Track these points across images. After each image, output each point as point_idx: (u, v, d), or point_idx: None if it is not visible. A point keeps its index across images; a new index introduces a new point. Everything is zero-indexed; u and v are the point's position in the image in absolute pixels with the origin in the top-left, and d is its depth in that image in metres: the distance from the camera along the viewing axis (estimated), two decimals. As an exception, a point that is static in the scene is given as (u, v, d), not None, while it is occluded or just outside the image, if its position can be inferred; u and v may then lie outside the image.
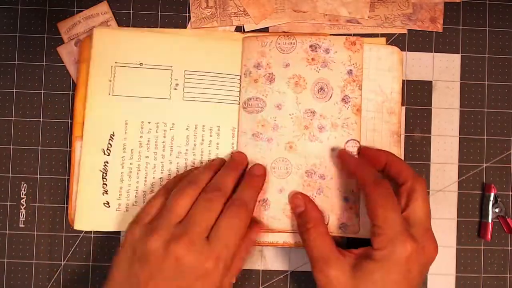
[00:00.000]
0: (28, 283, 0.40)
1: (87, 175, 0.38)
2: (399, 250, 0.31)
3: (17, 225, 0.40)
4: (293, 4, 0.41)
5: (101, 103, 0.39)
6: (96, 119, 0.39)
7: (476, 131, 0.42)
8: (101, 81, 0.39)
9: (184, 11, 0.41)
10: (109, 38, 0.39)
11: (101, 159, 0.39)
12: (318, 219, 0.35)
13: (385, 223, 0.32)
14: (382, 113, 0.39)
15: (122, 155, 0.39)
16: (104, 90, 0.39)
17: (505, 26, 0.42)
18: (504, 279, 0.41)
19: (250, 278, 0.40)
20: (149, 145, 0.39)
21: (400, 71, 0.39)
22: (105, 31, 0.40)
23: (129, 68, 0.39)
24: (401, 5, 0.41)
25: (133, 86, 0.39)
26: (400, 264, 0.31)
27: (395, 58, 0.39)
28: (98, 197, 0.38)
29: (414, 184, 0.33)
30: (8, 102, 0.41)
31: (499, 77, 0.42)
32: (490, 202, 0.40)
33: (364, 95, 0.39)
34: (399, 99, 0.39)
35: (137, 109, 0.39)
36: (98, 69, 0.39)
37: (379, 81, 0.39)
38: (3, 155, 0.40)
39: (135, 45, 0.39)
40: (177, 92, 0.39)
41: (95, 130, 0.39)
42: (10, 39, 0.41)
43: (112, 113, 0.39)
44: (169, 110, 0.39)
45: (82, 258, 0.40)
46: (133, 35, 0.40)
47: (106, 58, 0.39)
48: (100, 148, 0.39)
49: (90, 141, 0.39)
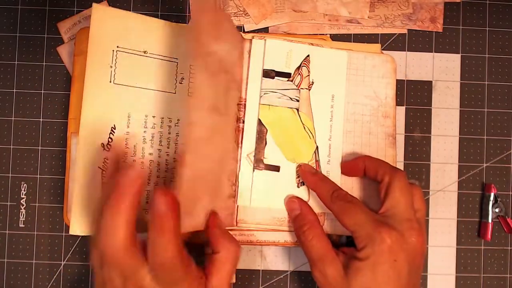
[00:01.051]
0: (28, 283, 0.40)
1: (84, 173, 0.34)
2: (379, 243, 0.31)
3: (17, 225, 0.40)
4: (293, 4, 0.41)
5: (100, 91, 0.35)
6: (95, 109, 0.35)
7: (476, 131, 0.42)
8: (101, 66, 0.35)
9: (184, 11, 0.41)
10: (111, 18, 0.35)
11: (101, 155, 0.35)
12: (313, 221, 0.36)
13: (356, 226, 0.33)
14: (378, 117, 0.39)
15: (125, 151, 0.36)
16: (105, 77, 0.35)
17: (505, 26, 0.42)
18: (504, 279, 0.41)
19: (250, 278, 0.40)
20: (153, 141, 0.37)
21: (393, 78, 0.40)
22: (107, 8, 0.36)
23: (132, 55, 0.36)
24: (401, 5, 0.41)
25: (137, 76, 0.36)
26: (383, 255, 0.31)
27: (388, 66, 0.40)
28: (97, 198, 0.34)
29: (391, 178, 0.34)
30: (8, 102, 0.41)
31: (499, 77, 0.42)
32: (490, 202, 0.41)
33: (359, 100, 0.39)
34: (393, 104, 0.40)
35: (141, 101, 0.36)
36: (97, 51, 0.35)
37: (374, 87, 0.40)
38: (3, 155, 0.40)
39: (140, 30, 0.36)
40: (182, 86, 0.37)
41: (94, 122, 0.35)
42: (10, 39, 0.41)
43: (114, 103, 0.35)
44: (174, 104, 0.37)
45: (82, 258, 0.40)
46: (138, 19, 0.36)
47: (107, 40, 0.35)
48: (100, 143, 0.35)
49: (88, 135, 0.34)
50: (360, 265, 0.32)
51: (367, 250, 0.32)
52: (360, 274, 0.32)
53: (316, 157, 0.39)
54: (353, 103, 0.39)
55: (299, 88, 0.39)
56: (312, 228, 0.35)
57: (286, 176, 0.38)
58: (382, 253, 0.31)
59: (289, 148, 0.39)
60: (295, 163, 0.38)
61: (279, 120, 0.39)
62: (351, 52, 0.40)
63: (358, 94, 0.40)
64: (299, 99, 0.39)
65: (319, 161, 0.39)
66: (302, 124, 0.39)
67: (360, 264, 0.32)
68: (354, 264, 0.32)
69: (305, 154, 0.39)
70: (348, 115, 0.39)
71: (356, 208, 0.34)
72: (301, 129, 0.39)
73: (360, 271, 0.32)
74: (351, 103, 0.39)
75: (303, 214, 0.36)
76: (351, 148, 0.39)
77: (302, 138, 0.39)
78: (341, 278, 0.32)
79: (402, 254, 0.32)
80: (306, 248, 0.35)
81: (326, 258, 0.33)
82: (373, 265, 0.32)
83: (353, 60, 0.40)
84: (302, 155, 0.39)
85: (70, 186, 0.38)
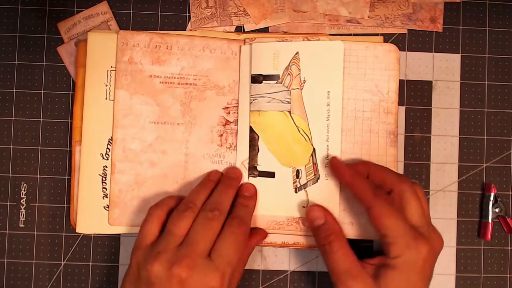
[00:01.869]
0: (28, 283, 0.40)
1: (87, 179, 0.39)
2: (415, 254, 0.32)
3: (17, 225, 0.40)
4: (293, 4, 0.41)
5: (98, 108, 0.39)
6: (94, 124, 0.39)
7: (476, 131, 0.42)
8: (97, 86, 0.39)
9: (184, 11, 0.41)
10: (104, 42, 0.39)
11: (100, 164, 0.39)
12: (339, 231, 0.35)
13: (396, 232, 0.32)
14: (379, 113, 0.38)
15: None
16: (101, 95, 0.39)
17: (505, 26, 0.42)
18: (504, 279, 0.41)
19: (250, 278, 0.40)
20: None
21: (397, 70, 0.39)
22: (100, 34, 0.39)
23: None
24: (401, 5, 0.41)
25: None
26: (418, 266, 0.32)
27: (392, 56, 0.39)
28: (99, 201, 0.39)
29: (401, 188, 0.34)
30: (8, 102, 0.41)
31: (499, 77, 0.42)
32: (490, 202, 0.40)
33: (359, 95, 0.38)
34: (395, 98, 0.39)
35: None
36: (94, 73, 0.39)
37: (376, 81, 0.38)
38: (3, 155, 0.40)
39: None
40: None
41: (93, 135, 0.39)
42: (10, 39, 0.41)
43: (109, 118, 0.39)
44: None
45: (82, 258, 0.40)
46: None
47: (102, 62, 0.39)
48: (99, 153, 0.39)
49: (89, 146, 0.39)
50: (393, 275, 0.32)
51: (403, 259, 0.32)
52: (392, 284, 0.32)
53: (313, 159, 0.38)
54: (353, 99, 0.38)
55: (290, 89, 0.38)
56: (338, 239, 0.34)
57: (283, 182, 0.38)
58: (417, 264, 0.32)
59: (284, 153, 0.38)
60: (291, 168, 0.38)
61: (270, 125, 0.38)
62: (351, 42, 0.39)
63: (358, 89, 0.38)
64: (290, 101, 0.38)
65: (316, 164, 0.38)
66: (295, 126, 0.38)
67: (394, 273, 0.32)
68: (387, 273, 0.32)
69: (302, 157, 0.38)
70: (347, 112, 0.38)
71: (398, 212, 0.33)
72: (295, 131, 0.38)
73: (394, 281, 0.32)
74: (351, 99, 0.38)
75: (328, 224, 0.35)
76: (351, 148, 0.38)
77: (297, 141, 0.38)
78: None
79: (431, 264, 0.33)
80: (331, 259, 0.33)
81: (352, 271, 0.33)
82: (407, 275, 0.32)
83: (353, 52, 0.38)
84: (298, 159, 0.38)
85: (75, 191, 0.39)
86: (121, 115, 0.39)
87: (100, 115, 0.39)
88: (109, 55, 0.39)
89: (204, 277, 0.31)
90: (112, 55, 0.39)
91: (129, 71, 0.39)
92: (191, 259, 0.31)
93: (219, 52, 0.39)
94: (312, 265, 0.40)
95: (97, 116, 0.39)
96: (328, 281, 0.40)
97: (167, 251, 0.32)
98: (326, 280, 0.40)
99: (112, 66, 0.39)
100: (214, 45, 0.39)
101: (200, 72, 0.39)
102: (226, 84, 0.39)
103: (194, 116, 0.39)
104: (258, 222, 0.38)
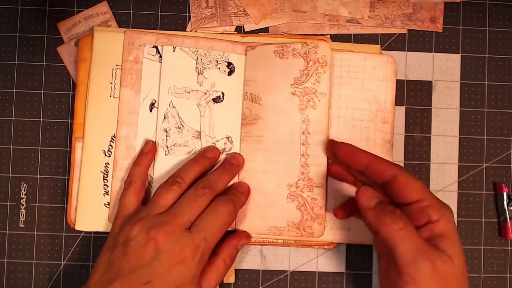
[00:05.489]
0: (28, 283, 0.40)
1: (88, 175, 0.39)
2: (451, 215, 0.32)
3: (17, 225, 0.40)
4: (293, 4, 0.41)
5: (101, 105, 0.39)
6: (97, 121, 0.39)
7: (476, 131, 0.42)
8: (102, 83, 0.39)
9: (184, 11, 0.41)
10: (110, 39, 0.39)
11: (102, 161, 0.39)
12: (396, 209, 0.32)
13: (428, 194, 0.32)
14: (376, 122, 0.39)
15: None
16: (105, 92, 0.39)
17: (505, 26, 0.42)
18: (504, 279, 0.41)
19: (250, 278, 0.40)
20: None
21: (393, 82, 0.39)
22: (106, 33, 0.39)
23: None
24: (401, 5, 0.41)
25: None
26: (455, 227, 0.32)
27: (389, 68, 0.39)
28: (99, 198, 0.39)
29: (399, 177, 0.33)
30: (8, 102, 0.41)
31: (499, 77, 0.42)
32: (504, 201, 0.40)
33: (357, 105, 0.39)
34: (392, 108, 0.39)
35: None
36: (98, 70, 0.39)
37: (373, 91, 0.39)
38: (3, 155, 0.40)
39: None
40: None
41: (96, 132, 0.39)
42: (10, 39, 0.41)
43: (113, 115, 0.39)
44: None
45: (82, 258, 0.40)
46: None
47: (107, 60, 0.39)
48: (101, 150, 0.39)
49: (91, 143, 0.39)
50: (448, 243, 0.31)
51: (447, 219, 0.32)
52: (453, 250, 0.31)
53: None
54: (352, 108, 0.39)
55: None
56: (401, 217, 0.31)
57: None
58: (454, 226, 0.32)
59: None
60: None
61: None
62: (350, 53, 0.39)
63: (356, 99, 0.39)
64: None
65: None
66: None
67: (448, 242, 0.31)
68: (443, 242, 0.31)
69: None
70: (346, 121, 0.39)
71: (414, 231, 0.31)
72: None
73: (451, 248, 0.31)
74: (350, 108, 0.39)
75: (385, 202, 0.33)
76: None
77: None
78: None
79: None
80: (397, 238, 0.30)
81: (423, 247, 0.30)
82: (455, 235, 0.32)
83: (352, 63, 0.39)
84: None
85: (73, 187, 0.39)
86: (126, 113, 0.39)
87: (104, 112, 0.39)
88: (115, 53, 0.39)
89: (178, 246, 0.32)
90: (118, 53, 0.39)
91: (134, 70, 0.39)
92: (170, 226, 0.32)
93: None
94: (312, 265, 0.40)
95: (101, 113, 0.39)
96: (328, 281, 0.40)
97: (149, 217, 0.33)
98: (326, 280, 0.40)
99: (117, 64, 0.39)
100: (219, 47, 0.39)
101: None
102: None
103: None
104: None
